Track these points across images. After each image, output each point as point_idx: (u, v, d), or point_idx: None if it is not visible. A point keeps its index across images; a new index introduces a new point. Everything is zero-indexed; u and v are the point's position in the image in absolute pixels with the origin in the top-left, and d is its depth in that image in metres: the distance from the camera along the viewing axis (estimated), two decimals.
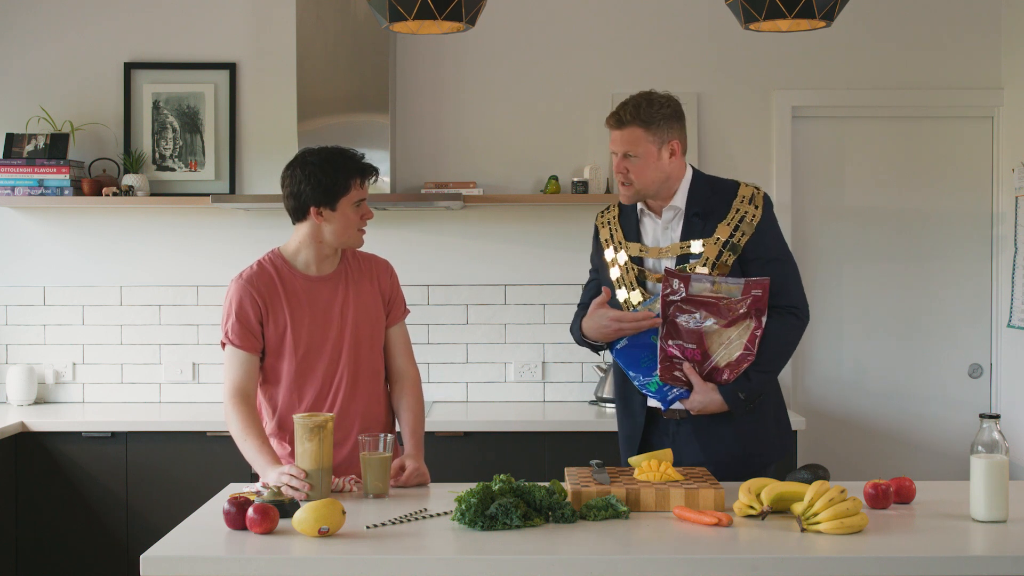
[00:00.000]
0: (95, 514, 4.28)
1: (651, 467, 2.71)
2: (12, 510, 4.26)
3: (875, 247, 4.86)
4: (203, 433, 4.27)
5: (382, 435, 2.79)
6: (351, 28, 4.50)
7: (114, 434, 4.29)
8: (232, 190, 4.76)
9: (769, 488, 2.54)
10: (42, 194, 4.56)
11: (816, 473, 2.74)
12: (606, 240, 3.20)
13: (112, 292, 4.81)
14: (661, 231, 3.10)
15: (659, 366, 3.00)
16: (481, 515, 2.44)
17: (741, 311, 2.96)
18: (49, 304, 4.81)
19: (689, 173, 3.12)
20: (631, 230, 3.15)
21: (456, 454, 4.25)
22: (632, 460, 2.84)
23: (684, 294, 2.96)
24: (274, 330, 3.00)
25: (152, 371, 4.81)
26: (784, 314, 3.03)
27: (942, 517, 2.55)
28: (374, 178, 3.04)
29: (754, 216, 3.03)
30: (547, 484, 2.59)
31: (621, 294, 3.12)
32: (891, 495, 2.65)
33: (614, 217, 3.21)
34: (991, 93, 4.78)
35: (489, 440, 4.26)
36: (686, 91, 4.76)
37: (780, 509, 2.55)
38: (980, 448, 2.51)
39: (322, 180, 2.94)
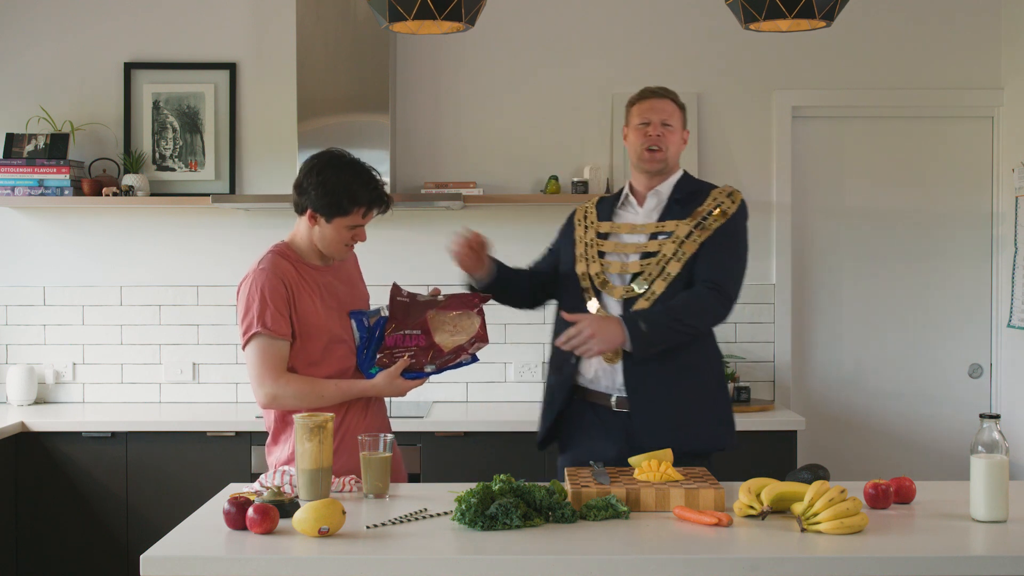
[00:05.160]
0: (95, 514, 4.28)
1: (651, 467, 2.71)
2: (12, 510, 4.26)
3: (875, 247, 4.86)
4: (203, 433, 4.27)
5: (382, 435, 2.78)
6: (351, 28, 4.50)
7: (114, 434, 4.29)
8: (232, 190, 4.76)
9: (769, 488, 2.54)
10: (42, 194, 4.56)
11: (816, 473, 2.74)
12: (579, 221, 3.34)
13: (112, 292, 4.81)
14: (642, 216, 3.24)
15: (378, 355, 3.04)
16: (481, 515, 2.44)
17: (460, 300, 3.09)
18: (49, 304, 4.81)
19: (680, 171, 3.31)
20: (604, 215, 3.31)
21: (456, 454, 4.25)
22: (632, 460, 2.84)
23: (409, 299, 3.07)
24: (298, 320, 2.95)
25: (152, 371, 4.81)
26: (711, 288, 3.07)
27: (942, 517, 2.55)
28: (381, 211, 3.01)
29: (728, 208, 3.19)
30: (547, 484, 2.58)
31: (580, 267, 3.24)
32: (891, 495, 2.65)
33: (592, 204, 3.38)
34: (991, 93, 4.78)
35: (489, 440, 4.26)
36: (686, 91, 4.75)
37: (780, 509, 2.55)
38: (980, 448, 2.51)
39: (328, 195, 2.93)
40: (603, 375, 3.14)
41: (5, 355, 4.81)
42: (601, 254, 3.20)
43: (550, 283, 3.36)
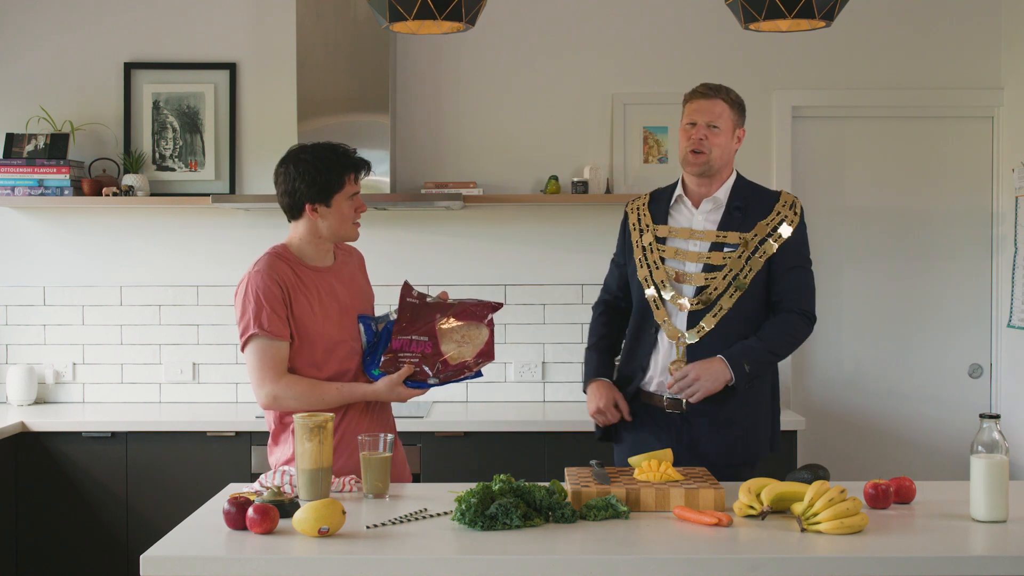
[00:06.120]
0: (95, 514, 4.28)
1: (651, 467, 2.71)
2: (12, 510, 4.26)
3: (875, 247, 4.86)
4: (203, 433, 4.27)
5: (382, 435, 2.78)
6: (351, 28, 4.50)
7: (114, 434, 4.29)
8: (232, 190, 4.76)
9: (769, 488, 2.54)
10: (42, 194, 4.56)
11: (816, 473, 2.74)
12: (634, 224, 3.34)
13: (112, 292, 4.81)
14: (698, 220, 3.24)
15: (383, 357, 3.03)
16: (481, 515, 2.44)
17: (471, 310, 3.06)
18: (49, 304, 4.81)
19: (735, 173, 3.30)
20: (660, 216, 3.29)
21: (456, 454, 4.25)
22: (632, 460, 2.85)
23: (419, 301, 3.06)
24: (294, 323, 2.95)
25: (152, 371, 4.81)
26: (799, 315, 3.17)
27: (942, 517, 2.56)
28: (366, 172, 3.04)
29: (792, 222, 3.20)
30: (547, 484, 2.59)
31: (642, 272, 3.25)
32: (891, 495, 2.65)
33: (643, 204, 3.37)
34: (991, 93, 4.78)
35: (489, 440, 4.26)
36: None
37: (780, 509, 2.55)
38: (980, 448, 2.51)
39: (316, 177, 2.94)
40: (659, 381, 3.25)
41: (5, 355, 4.81)
42: (662, 259, 3.23)
43: (627, 301, 3.40)
